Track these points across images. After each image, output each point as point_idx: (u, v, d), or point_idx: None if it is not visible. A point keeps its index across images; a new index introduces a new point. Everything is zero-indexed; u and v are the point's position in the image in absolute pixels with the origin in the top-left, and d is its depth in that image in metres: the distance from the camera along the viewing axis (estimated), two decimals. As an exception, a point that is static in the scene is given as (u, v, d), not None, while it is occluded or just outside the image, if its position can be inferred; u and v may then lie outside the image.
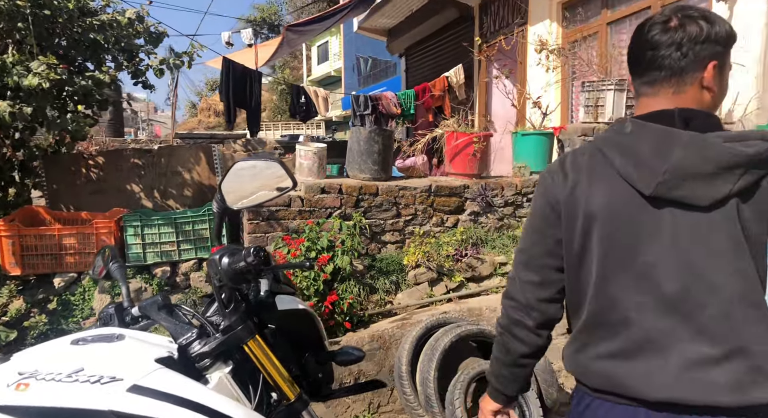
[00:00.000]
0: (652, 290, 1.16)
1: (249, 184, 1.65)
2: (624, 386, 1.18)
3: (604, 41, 6.38)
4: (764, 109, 4.51)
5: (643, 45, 1.22)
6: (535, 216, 1.33)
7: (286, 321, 1.59)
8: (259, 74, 6.64)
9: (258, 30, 24.45)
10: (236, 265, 1.42)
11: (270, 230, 4.38)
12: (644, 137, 1.17)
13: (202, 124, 28.38)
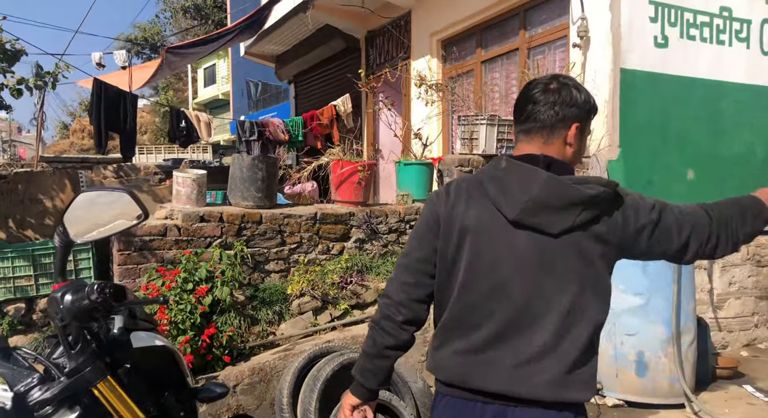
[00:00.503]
0: (502, 299, 1.39)
1: (97, 216, 1.57)
2: (468, 379, 1.40)
3: (479, 78, 6.84)
4: (614, 145, 5.05)
5: (526, 99, 1.48)
6: (420, 226, 1.53)
7: (142, 359, 1.52)
8: (135, 97, 6.31)
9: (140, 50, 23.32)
10: (80, 303, 1.35)
11: (143, 261, 4.14)
12: (514, 173, 1.42)
13: (74, 146, 26.33)
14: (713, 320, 4.68)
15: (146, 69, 9.11)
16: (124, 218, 1.57)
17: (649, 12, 5.12)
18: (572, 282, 1.38)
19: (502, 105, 6.55)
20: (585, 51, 5.19)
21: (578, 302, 1.38)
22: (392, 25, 8.22)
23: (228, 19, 18.70)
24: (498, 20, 6.50)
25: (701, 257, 1.53)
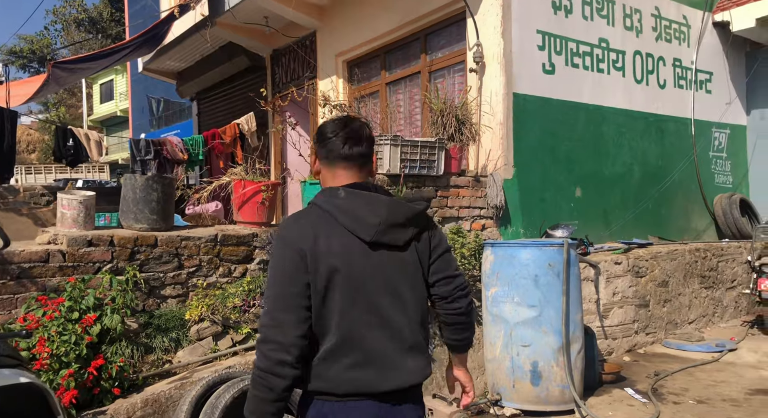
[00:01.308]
0: (374, 312, 1.60)
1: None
2: (365, 386, 1.56)
3: (383, 99, 6.99)
4: (509, 165, 5.33)
5: (343, 139, 1.70)
6: (286, 266, 1.57)
7: (4, 398, 1.39)
8: (14, 113, 5.83)
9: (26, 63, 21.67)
10: None
11: (21, 290, 3.80)
12: (357, 201, 1.63)
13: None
14: (600, 328, 5.01)
15: (30, 84, 8.48)
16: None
17: (537, 40, 5.49)
18: (416, 282, 1.69)
19: (407, 126, 6.73)
20: (481, 75, 5.46)
21: (420, 300, 1.70)
22: (298, 45, 8.23)
23: (126, 33, 17.89)
24: (401, 44, 6.70)
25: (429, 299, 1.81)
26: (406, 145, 5.27)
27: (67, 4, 25.10)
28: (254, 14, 7.64)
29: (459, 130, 5.23)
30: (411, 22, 6.31)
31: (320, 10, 7.57)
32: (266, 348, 1.51)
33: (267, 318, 1.54)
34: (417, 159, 5.03)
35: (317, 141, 1.76)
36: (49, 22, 28.42)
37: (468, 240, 4.82)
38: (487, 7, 5.35)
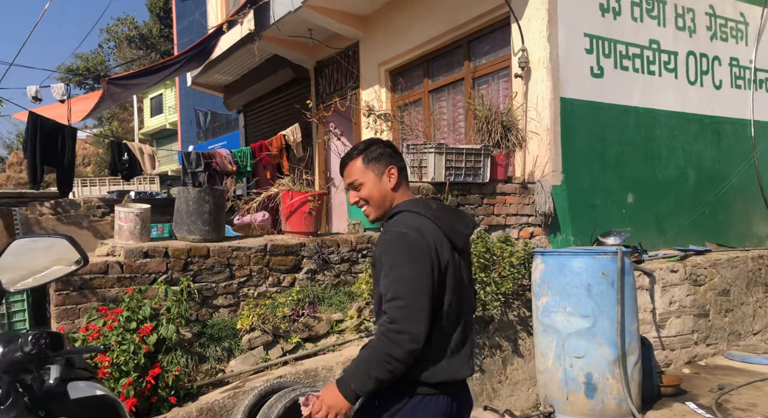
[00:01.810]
0: (461, 307, 1.85)
1: (32, 263, 1.50)
2: (454, 375, 1.79)
3: (426, 107, 6.99)
4: (557, 171, 5.22)
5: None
6: (421, 264, 1.74)
7: (81, 410, 1.43)
8: (74, 130, 6.10)
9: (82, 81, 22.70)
10: (12, 355, 1.27)
11: (83, 301, 3.95)
12: (448, 212, 1.94)
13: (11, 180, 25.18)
14: (656, 339, 4.84)
15: (87, 101, 8.86)
16: (63, 263, 1.51)
17: (584, 44, 5.38)
18: (471, 284, 2.00)
19: (450, 133, 6.70)
20: (526, 81, 5.39)
21: (474, 300, 2.06)
22: (341, 56, 8.32)
23: (175, 48, 18.51)
24: (443, 51, 6.69)
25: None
26: (450, 152, 5.23)
27: (120, 23, 26.24)
28: (298, 27, 7.78)
29: (505, 136, 5.17)
30: (454, 29, 6.29)
31: (363, 21, 7.64)
32: (401, 338, 1.66)
33: (403, 311, 1.68)
34: (462, 167, 5.00)
35: (397, 156, 1.98)
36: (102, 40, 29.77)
37: (516, 249, 4.74)
38: (532, 12, 5.28)
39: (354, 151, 1.97)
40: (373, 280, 1.93)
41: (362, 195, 1.94)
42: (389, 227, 1.84)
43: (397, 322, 1.67)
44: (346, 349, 4.40)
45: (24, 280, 1.50)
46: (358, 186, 1.94)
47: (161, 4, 24.83)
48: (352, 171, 1.95)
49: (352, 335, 4.57)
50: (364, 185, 1.93)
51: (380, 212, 1.95)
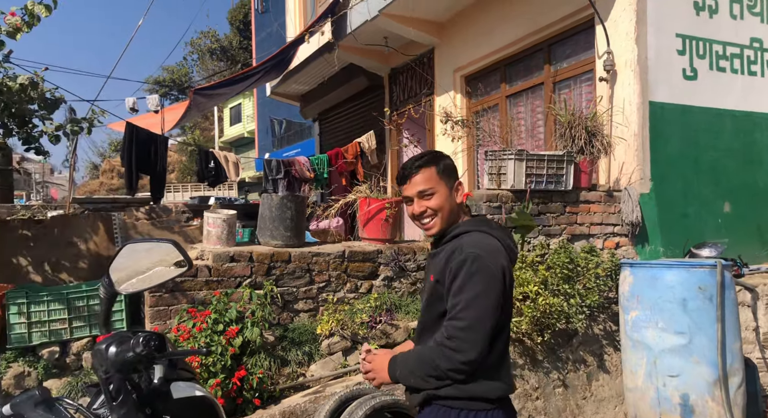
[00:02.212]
0: (509, 322, 1.88)
1: (141, 267, 1.58)
2: (508, 389, 1.81)
3: (504, 113, 6.86)
4: (645, 179, 4.97)
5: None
6: (494, 289, 1.71)
7: (182, 410, 1.48)
8: (165, 139, 6.46)
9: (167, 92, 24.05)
10: (125, 355, 1.33)
11: (174, 303, 4.14)
12: (505, 232, 1.92)
13: (104, 186, 26.99)
14: (760, 360, 4.47)
15: (175, 111, 9.35)
16: (167, 266, 1.58)
17: (676, 45, 5.10)
18: None
19: (528, 139, 6.54)
20: (612, 84, 5.17)
21: None
22: (415, 63, 8.34)
23: (253, 60, 19.22)
24: (522, 56, 6.55)
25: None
26: (531, 159, 5.10)
27: (203, 36, 27.67)
28: (374, 36, 7.86)
29: (589, 142, 4.97)
30: (534, 32, 6.14)
31: (439, 28, 7.62)
32: (456, 357, 1.67)
33: (466, 334, 1.68)
34: (543, 174, 4.85)
35: (453, 173, 1.93)
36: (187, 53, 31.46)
37: (602, 259, 4.54)
38: (618, 13, 5.06)
39: (424, 160, 1.87)
40: (428, 293, 1.88)
41: (433, 205, 1.85)
42: (465, 247, 1.77)
43: (455, 340, 1.68)
44: (424, 358, 4.36)
45: (134, 283, 1.57)
46: (429, 195, 1.85)
47: (241, 17, 25.94)
48: (425, 179, 1.85)
49: (430, 343, 4.52)
50: (437, 195, 1.85)
51: (445, 225, 1.88)
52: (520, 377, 4.06)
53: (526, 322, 4.09)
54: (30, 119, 4.21)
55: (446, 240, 1.87)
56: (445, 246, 1.86)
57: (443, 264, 1.79)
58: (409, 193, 1.88)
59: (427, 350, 1.75)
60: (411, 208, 1.90)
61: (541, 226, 4.86)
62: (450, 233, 1.87)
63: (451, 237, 1.85)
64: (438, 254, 1.88)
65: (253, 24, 19.89)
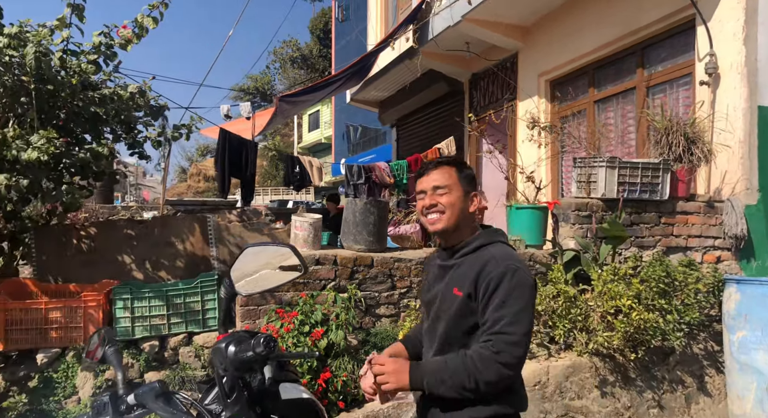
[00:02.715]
0: None
1: (259, 269, 1.63)
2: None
3: (591, 118, 6.61)
4: (752, 189, 4.62)
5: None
6: (532, 303, 1.72)
7: (290, 411, 1.51)
8: (255, 145, 6.72)
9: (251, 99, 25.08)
10: (243, 354, 1.38)
11: (263, 303, 4.28)
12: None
13: (191, 189, 28.46)
14: None
15: (261, 117, 9.71)
16: (287, 271, 1.62)
17: (789, 45, 4.72)
18: None
19: (618, 146, 6.27)
20: (714, 88, 4.86)
21: None
22: (498, 67, 8.21)
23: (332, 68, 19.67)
24: (613, 59, 6.29)
25: None
26: (624, 166, 4.88)
27: (285, 45, 28.68)
28: (456, 41, 7.82)
29: (688, 150, 4.70)
30: (626, 35, 5.88)
31: (524, 32, 7.48)
32: (502, 372, 1.63)
33: (515, 349, 1.64)
34: (637, 182, 4.63)
35: (473, 182, 1.88)
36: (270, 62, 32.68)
37: (702, 274, 4.27)
38: (724, 13, 4.75)
39: (447, 160, 1.88)
40: (454, 308, 1.77)
41: (444, 201, 1.79)
42: (500, 259, 1.73)
43: (505, 355, 1.63)
44: (508, 369, 4.27)
45: (251, 283, 1.62)
46: (443, 192, 1.80)
47: (321, 25, 26.65)
48: (443, 176, 1.82)
49: (514, 355, 4.42)
50: (450, 194, 1.80)
51: (450, 226, 1.81)
52: (610, 394, 3.88)
53: (617, 337, 3.91)
54: (135, 126, 4.51)
55: (467, 251, 1.81)
56: (467, 258, 1.80)
57: (474, 276, 1.72)
58: (423, 187, 1.84)
59: (468, 361, 1.66)
60: (422, 201, 1.85)
61: (634, 237, 4.64)
62: (471, 244, 1.81)
63: (474, 248, 1.80)
64: (459, 266, 1.81)
65: (333, 32, 20.35)
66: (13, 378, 3.73)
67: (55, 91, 3.79)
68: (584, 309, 4.20)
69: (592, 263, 4.51)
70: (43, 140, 3.43)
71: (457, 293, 1.76)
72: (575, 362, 4.21)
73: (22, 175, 3.46)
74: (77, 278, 4.32)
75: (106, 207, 9.60)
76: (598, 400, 4.05)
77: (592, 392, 4.07)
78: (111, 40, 4.09)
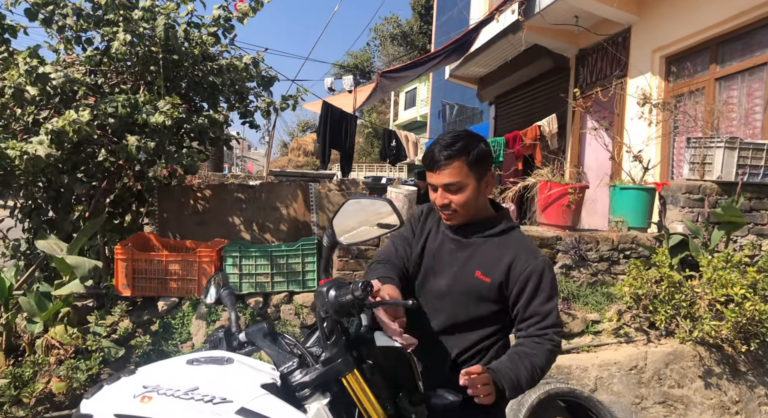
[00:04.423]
0: None
1: (358, 221, 1.70)
2: None
3: (711, 97, 6.13)
4: None
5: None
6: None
7: (382, 358, 1.58)
8: (355, 118, 6.87)
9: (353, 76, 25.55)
10: (343, 298, 1.44)
11: (358, 268, 4.44)
12: None
13: (291, 162, 29.60)
14: None
15: (361, 93, 9.89)
16: (381, 224, 1.69)
17: None
18: None
19: (741, 127, 5.78)
20: None
21: None
22: (608, 43, 7.79)
23: (432, 44, 19.51)
24: (741, 32, 5.77)
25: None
26: (746, 148, 4.53)
27: (386, 22, 28.81)
28: (564, 14, 7.49)
29: (824, 131, 4.26)
30: (758, 6, 5.36)
31: (639, 4, 7.02)
32: (554, 360, 1.73)
33: (560, 339, 1.75)
34: (760, 165, 4.30)
35: (486, 162, 1.73)
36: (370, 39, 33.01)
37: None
38: None
39: (455, 150, 1.68)
40: (474, 290, 1.74)
41: (457, 200, 1.70)
42: (533, 251, 1.74)
43: (559, 343, 1.72)
44: (602, 351, 4.17)
45: (352, 235, 1.71)
46: (456, 189, 1.70)
47: (423, 1, 26.45)
48: (454, 172, 1.68)
49: (609, 337, 4.30)
50: (463, 190, 1.69)
51: (465, 220, 1.76)
52: (716, 386, 3.68)
53: (727, 327, 3.68)
54: (247, 96, 4.78)
55: (492, 233, 1.77)
56: (492, 239, 1.76)
57: (506, 266, 1.71)
58: (434, 182, 1.74)
59: (536, 359, 1.66)
60: (434, 196, 1.76)
61: (752, 224, 4.32)
62: (496, 226, 1.77)
63: (500, 231, 1.77)
64: (479, 247, 1.76)
65: (435, 8, 20.13)
66: (139, 321, 4.17)
67: (179, 61, 4.11)
68: (690, 296, 4.00)
69: (702, 248, 4.26)
70: (169, 106, 3.75)
71: (482, 277, 1.72)
72: (677, 349, 4.03)
73: (150, 138, 3.80)
74: (192, 236, 4.70)
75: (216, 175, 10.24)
76: (701, 391, 3.87)
77: (695, 382, 3.89)
78: (229, 13, 4.35)
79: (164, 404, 1.24)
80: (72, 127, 3.25)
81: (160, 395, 1.27)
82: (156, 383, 1.30)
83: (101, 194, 4.27)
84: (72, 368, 3.44)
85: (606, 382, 4.00)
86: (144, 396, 1.27)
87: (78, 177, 4.01)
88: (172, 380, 1.31)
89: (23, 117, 3.68)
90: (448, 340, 1.79)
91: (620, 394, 3.97)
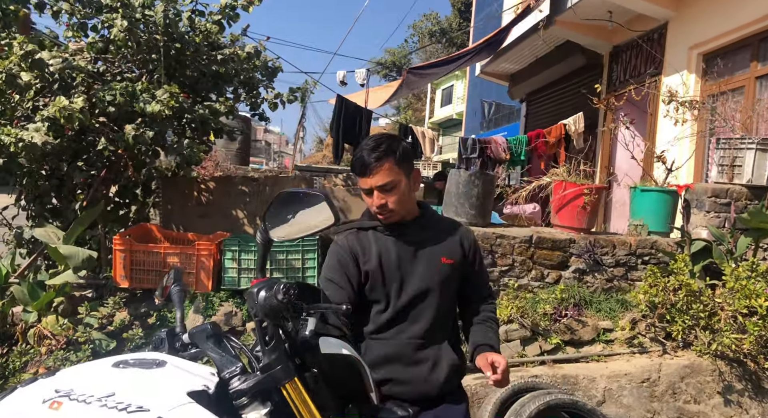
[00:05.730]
0: None
1: (294, 216, 1.59)
2: None
3: (750, 96, 5.75)
4: None
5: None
6: None
7: (327, 366, 1.47)
8: (369, 113, 6.75)
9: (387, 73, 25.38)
10: (270, 301, 1.34)
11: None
12: None
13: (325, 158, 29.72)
14: None
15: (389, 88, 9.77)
16: (319, 220, 1.57)
17: None
18: None
19: (779, 128, 5.39)
20: None
21: None
22: (643, 39, 7.42)
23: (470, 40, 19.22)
24: (783, 27, 5.39)
25: None
26: (780, 150, 4.19)
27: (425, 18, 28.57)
28: (597, 9, 7.18)
29: None
30: (803, -3, 4.98)
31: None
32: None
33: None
34: (796, 169, 3.95)
35: (410, 159, 1.83)
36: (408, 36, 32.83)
37: None
38: None
39: (382, 151, 1.75)
40: (445, 276, 1.86)
41: (393, 200, 1.77)
42: (464, 228, 1.99)
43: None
44: (612, 361, 3.94)
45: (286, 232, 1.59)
46: (389, 189, 1.76)
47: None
48: (386, 174, 1.74)
49: (622, 347, 4.06)
50: (397, 189, 1.77)
51: (403, 216, 1.83)
52: (736, 403, 3.43)
53: (750, 341, 3.41)
54: (256, 87, 4.72)
55: (427, 220, 1.90)
56: (430, 225, 1.89)
57: (457, 243, 1.90)
58: (369, 185, 1.78)
59: (494, 318, 1.98)
60: (369, 199, 1.81)
61: (784, 232, 3.98)
62: (434, 215, 1.95)
63: (430, 215, 1.92)
64: (428, 235, 1.87)
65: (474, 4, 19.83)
66: (136, 313, 4.15)
67: (181, 49, 4.07)
68: (710, 306, 3.72)
69: (727, 256, 3.96)
70: (167, 95, 3.70)
71: (447, 261, 1.86)
72: (694, 362, 3.77)
73: (149, 128, 3.77)
74: (195, 228, 4.66)
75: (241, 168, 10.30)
76: (720, 407, 3.60)
77: (713, 398, 3.62)
78: (234, 0, 4.29)
79: (74, 412, 1.14)
80: (62, 113, 3.23)
81: (71, 401, 1.16)
82: (70, 388, 1.19)
83: (100, 183, 4.26)
84: (61, 360, 3.43)
85: (615, 394, 3.77)
86: (54, 401, 1.17)
87: (78, 165, 4.02)
88: (88, 384, 1.20)
89: (22, 104, 3.70)
90: (436, 331, 1.86)
91: (630, 407, 3.74)
